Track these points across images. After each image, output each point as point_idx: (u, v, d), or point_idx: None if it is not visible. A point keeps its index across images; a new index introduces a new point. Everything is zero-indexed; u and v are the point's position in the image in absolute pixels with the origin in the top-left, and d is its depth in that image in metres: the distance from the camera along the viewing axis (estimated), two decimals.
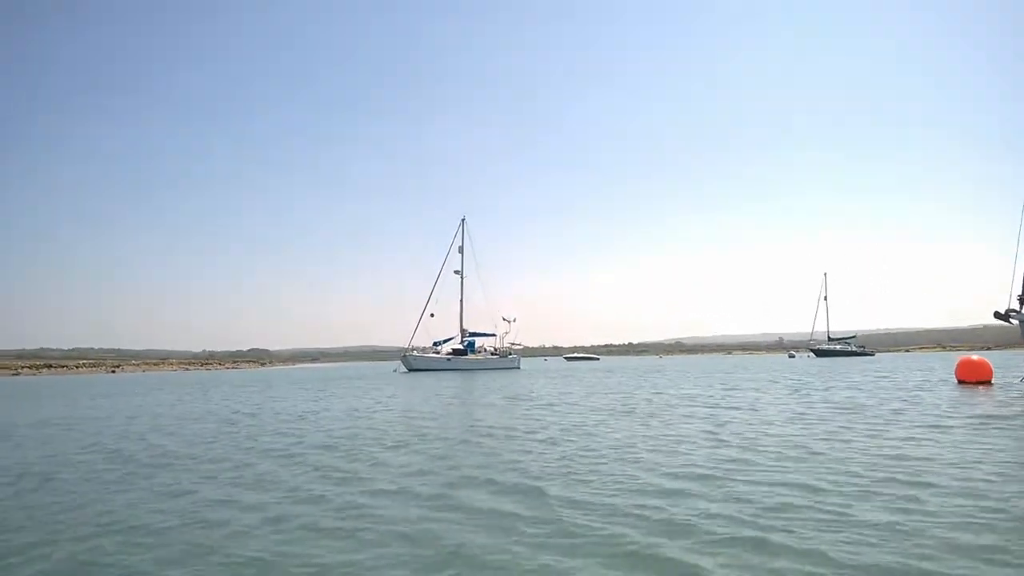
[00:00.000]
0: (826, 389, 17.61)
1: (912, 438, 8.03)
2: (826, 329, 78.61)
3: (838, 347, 75.10)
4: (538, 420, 11.62)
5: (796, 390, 17.67)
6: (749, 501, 5.00)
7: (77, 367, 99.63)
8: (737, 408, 12.86)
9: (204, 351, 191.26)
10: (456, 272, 52.35)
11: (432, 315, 49.92)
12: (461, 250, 52.84)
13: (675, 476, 6.07)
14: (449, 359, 49.28)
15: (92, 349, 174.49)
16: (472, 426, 10.94)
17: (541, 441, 8.75)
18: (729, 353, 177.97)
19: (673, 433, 9.20)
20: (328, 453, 8.06)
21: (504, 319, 54.83)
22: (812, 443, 7.82)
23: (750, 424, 10.07)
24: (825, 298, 79.02)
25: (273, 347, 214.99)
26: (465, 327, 52.57)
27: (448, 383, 28.35)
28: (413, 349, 48.89)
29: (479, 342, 53.41)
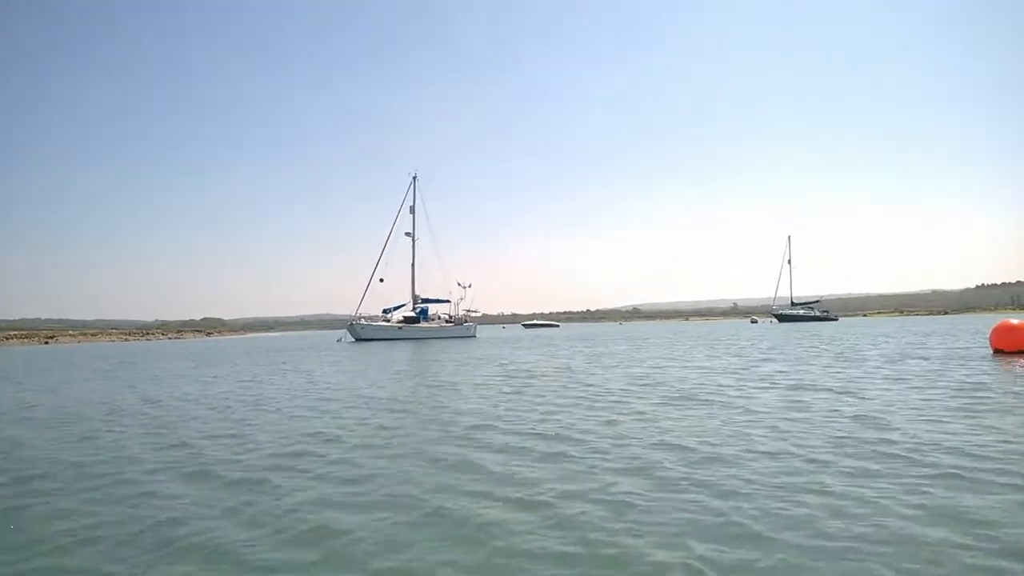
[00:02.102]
0: (864, 360, 15.08)
1: None
2: (788, 294, 77.93)
3: (801, 311, 74.65)
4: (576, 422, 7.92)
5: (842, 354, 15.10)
6: None
7: (8, 339, 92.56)
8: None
9: (156, 320, 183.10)
10: (407, 234, 48.81)
11: (382, 280, 46.46)
12: (412, 210, 49.22)
13: None
14: (400, 327, 46.07)
15: (40, 320, 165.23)
16: (454, 421, 7.99)
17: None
18: (687, 319, 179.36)
19: None
20: (146, 504, 5.02)
21: (459, 284, 52.03)
22: None
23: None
24: (789, 261, 78.20)
25: (229, 316, 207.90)
26: (417, 293, 49.33)
27: (399, 354, 25.64)
28: (360, 317, 45.46)
29: (432, 309, 50.43)
